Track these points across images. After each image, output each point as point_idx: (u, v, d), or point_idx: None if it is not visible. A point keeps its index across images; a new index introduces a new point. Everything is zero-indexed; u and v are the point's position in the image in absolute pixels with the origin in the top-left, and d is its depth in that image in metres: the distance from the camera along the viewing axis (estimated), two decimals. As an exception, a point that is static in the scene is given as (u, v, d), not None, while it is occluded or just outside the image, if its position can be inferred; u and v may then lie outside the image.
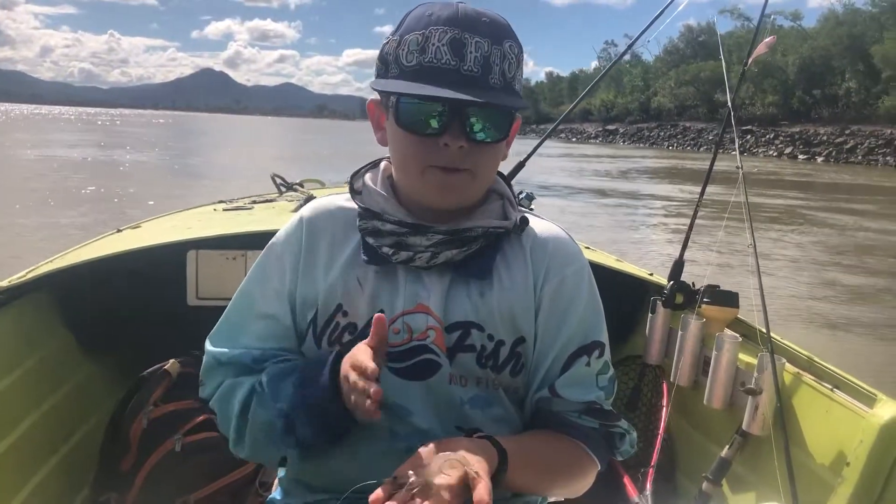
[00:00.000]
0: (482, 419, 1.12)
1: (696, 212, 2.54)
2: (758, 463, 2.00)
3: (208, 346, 1.19)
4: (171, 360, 2.12)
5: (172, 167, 21.61)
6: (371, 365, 0.96)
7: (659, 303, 2.40)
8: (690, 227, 2.54)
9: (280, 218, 2.91)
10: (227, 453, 2.02)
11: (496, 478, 0.97)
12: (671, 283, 2.41)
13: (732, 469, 2.04)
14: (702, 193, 2.51)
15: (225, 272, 2.47)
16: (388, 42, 1.07)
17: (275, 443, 1.10)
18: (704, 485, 2.06)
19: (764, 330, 1.98)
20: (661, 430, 2.28)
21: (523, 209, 1.20)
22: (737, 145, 2.38)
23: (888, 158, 38.72)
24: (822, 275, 8.93)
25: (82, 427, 2.34)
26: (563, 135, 69.69)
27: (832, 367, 1.89)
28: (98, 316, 2.47)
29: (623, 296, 2.51)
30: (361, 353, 1.00)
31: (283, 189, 3.66)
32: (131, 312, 2.51)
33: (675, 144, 57.75)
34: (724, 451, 2.05)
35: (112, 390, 2.46)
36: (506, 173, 1.25)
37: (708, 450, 2.18)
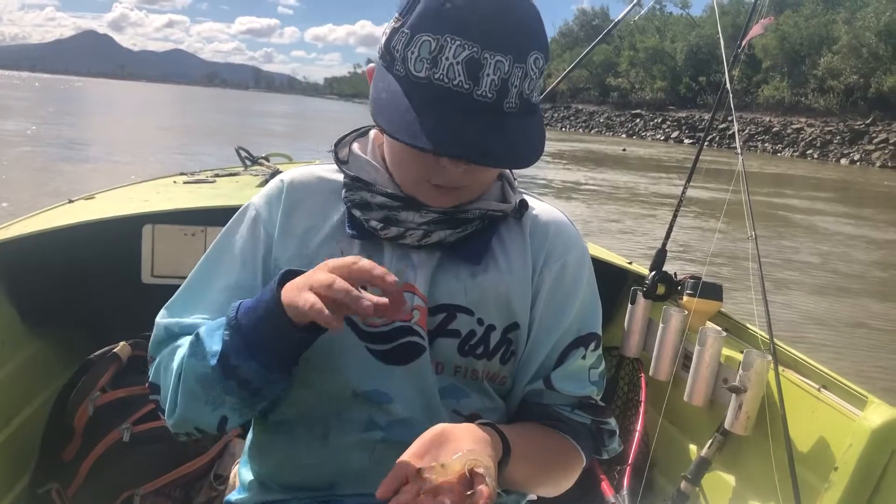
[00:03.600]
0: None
1: (679, 202, 2.46)
2: (739, 463, 1.93)
3: (160, 317, 1.04)
4: (122, 343, 1.97)
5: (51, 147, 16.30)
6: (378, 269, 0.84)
7: (639, 293, 2.32)
8: (674, 216, 2.47)
9: (244, 192, 2.77)
10: (180, 444, 1.88)
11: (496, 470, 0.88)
12: (653, 272, 2.32)
13: (712, 469, 1.98)
14: (687, 182, 2.44)
15: (183, 249, 2.33)
16: (396, 30, 0.91)
17: (212, 396, 0.94)
18: (682, 484, 1.99)
19: (766, 335, 1.90)
20: (638, 427, 2.20)
21: (522, 191, 1.11)
22: (737, 137, 2.26)
23: (766, 145, 40.41)
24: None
25: (24, 411, 2.19)
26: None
27: (820, 366, 1.82)
28: (45, 292, 2.32)
29: (600, 284, 2.42)
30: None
31: (249, 163, 3.51)
32: (81, 289, 2.36)
33: (569, 126, 57.90)
34: (704, 451, 1.98)
35: (57, 372, 2.31)
36: None
37: (686, 448, 2.11)
